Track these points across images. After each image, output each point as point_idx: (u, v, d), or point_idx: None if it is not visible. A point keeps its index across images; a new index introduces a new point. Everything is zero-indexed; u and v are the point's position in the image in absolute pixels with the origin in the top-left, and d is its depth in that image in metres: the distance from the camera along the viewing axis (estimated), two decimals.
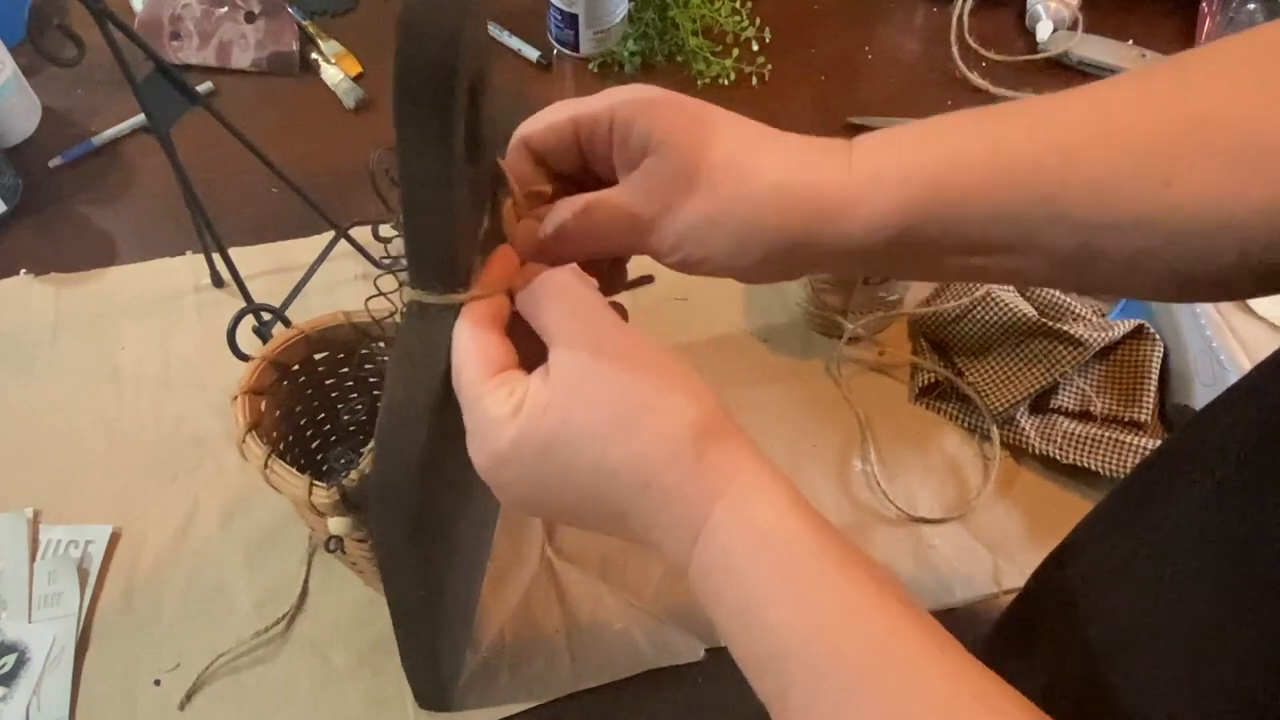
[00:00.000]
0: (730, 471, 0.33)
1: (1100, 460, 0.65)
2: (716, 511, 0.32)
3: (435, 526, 0.43)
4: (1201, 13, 0.95)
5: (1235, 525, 0.32)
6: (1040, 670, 0.40)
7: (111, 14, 0.54)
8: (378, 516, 0.41)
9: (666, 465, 0.33)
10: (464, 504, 0.50)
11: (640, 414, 0.33)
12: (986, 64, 0.92)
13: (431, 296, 0.37)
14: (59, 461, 0.67)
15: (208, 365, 0.71)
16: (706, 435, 0.33)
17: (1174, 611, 0.33)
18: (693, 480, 0.33)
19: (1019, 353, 0.69)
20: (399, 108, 0.32)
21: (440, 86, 0.31)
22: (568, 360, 0.34)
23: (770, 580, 0.31)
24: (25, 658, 0.58)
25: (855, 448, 0.70)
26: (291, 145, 0.78)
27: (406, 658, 0.52)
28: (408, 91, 0.32)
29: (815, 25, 0.97)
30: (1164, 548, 0.35)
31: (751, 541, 0.32)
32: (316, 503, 0.47)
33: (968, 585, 0.63)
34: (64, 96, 0.87)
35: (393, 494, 0.39)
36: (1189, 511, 0.35)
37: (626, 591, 0.62)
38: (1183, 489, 0.36)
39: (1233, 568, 0.31)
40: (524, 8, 0.94)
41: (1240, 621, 0.30)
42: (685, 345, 0.73)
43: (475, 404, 0.35)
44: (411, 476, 0.38)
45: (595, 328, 0.35)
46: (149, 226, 0.80)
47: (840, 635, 0.30)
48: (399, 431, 0.37)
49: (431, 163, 0.33)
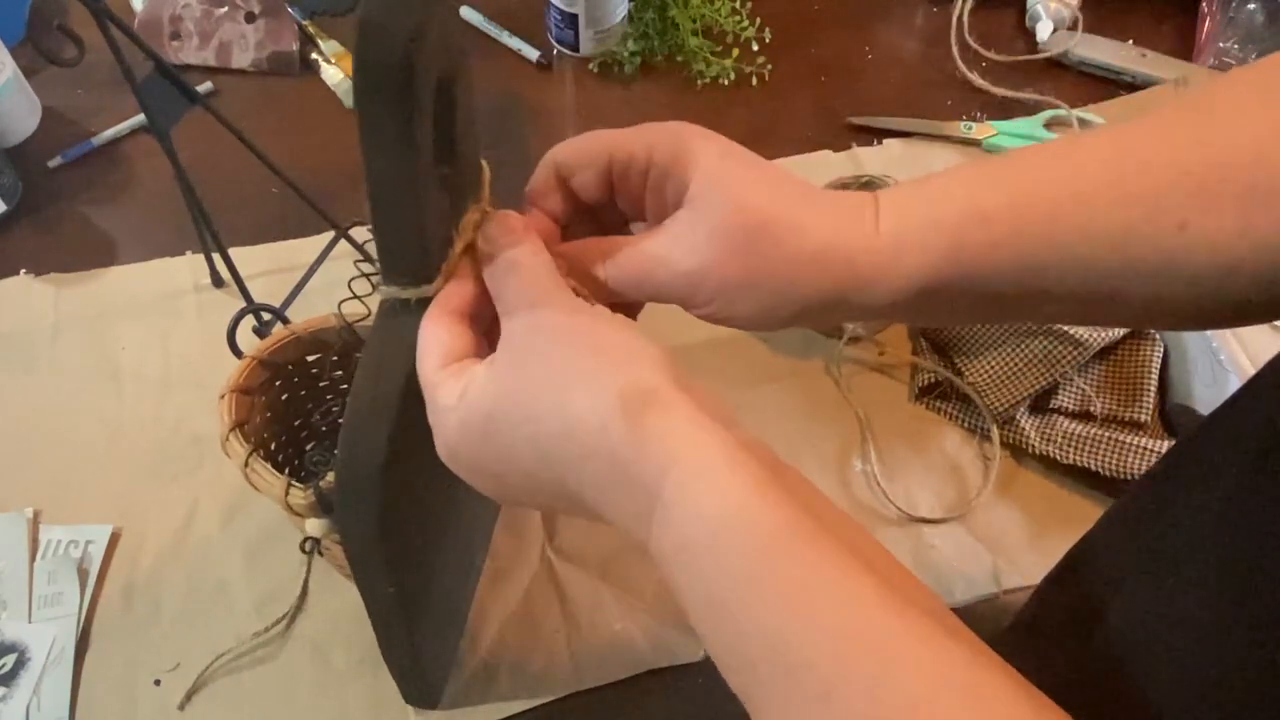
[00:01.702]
0: (672, 444, 0.30)
1: (1100, 460, 0.65)
2: (665, 492, 0.30)
3: (404, 524, 0.43)
4: (1201, 12, 0.95)
5: (1237, 536, 0.32)
6: (1044, 680, 0.40)
7: (111, 14, 0.54)
8: (342, 513, 0.40)
9: (596, 438, 0.31)
10: (445, 500, 0.50)
11: (569, 387, 0.32)
12: (986, 64, 0.92)
13: (401, 292, 0.37)
14: (59, 461, 0.67)
15: (208, 365, 0.71)
16: (640, 404, 0.31)
17: (1176, 623, 0.33)
18: (633, 455, 0.30)
19: (1019, 353, 0.69)
20: (359, 107, 0.32)
21: (401, 86, 0.31)
22: (507, 339, 0.34)
23: (729, 578, 0.29)
24: (25, 658, 0.58)
25: (855, 448, 0.70)
26: (291, 145, 0.78)
27: (387, 654, 0.52)
28: (367, 91, 0.31)
29: (815, 25, 0.97)
30: (1166, 560, 0.35)
31: (706, 535, 0.29)
32: (293, 504, 0.47)
33: (968, 585, 0.63)
34: (64, 96, 0.87)
35: (356, 491, 0.39)
36: (1191, 523, 0.35)
37: (626, 592, 0.62)
38: (1185, 501, 0.36)
39: (1235, 579, 0.31)
40: (524, 8, 0.95)
41: (1243, 633, 0.30)
42: (685, 345, 0.73)
43: (430, 396, 0.35)
44: (375, 473, 0.38)
45: (538, 304, 0.34)
46: (149, 226, 0.80)
47: (808, 635, 0.27)
48: (362, 428, 0.37)
49: (394, 162, 0.33)
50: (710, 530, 0.29)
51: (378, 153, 0.33)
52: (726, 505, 0.29)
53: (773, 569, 0.28)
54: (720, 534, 0.29)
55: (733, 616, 0.28)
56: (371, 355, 0.38)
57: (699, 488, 0.29)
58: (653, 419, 0.31)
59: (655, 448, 0.30)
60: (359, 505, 0.39)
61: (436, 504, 0.47)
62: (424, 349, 0.36)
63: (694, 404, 0.31)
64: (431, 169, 0.34)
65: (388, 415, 0.37)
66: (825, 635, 0.27)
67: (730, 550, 0.29)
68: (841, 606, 0.27)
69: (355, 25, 0.31)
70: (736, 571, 0.28)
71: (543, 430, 0.32)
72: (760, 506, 0.29)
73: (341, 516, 0.41)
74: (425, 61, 0.32)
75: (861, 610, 0.27)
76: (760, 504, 0.29)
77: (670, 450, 0.30)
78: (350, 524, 0.41)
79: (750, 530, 0.29)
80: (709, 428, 0.31)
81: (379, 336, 0.38)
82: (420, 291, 0.37)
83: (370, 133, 0.32)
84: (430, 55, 0.32)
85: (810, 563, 0.28)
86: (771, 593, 0.28)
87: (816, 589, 0.28)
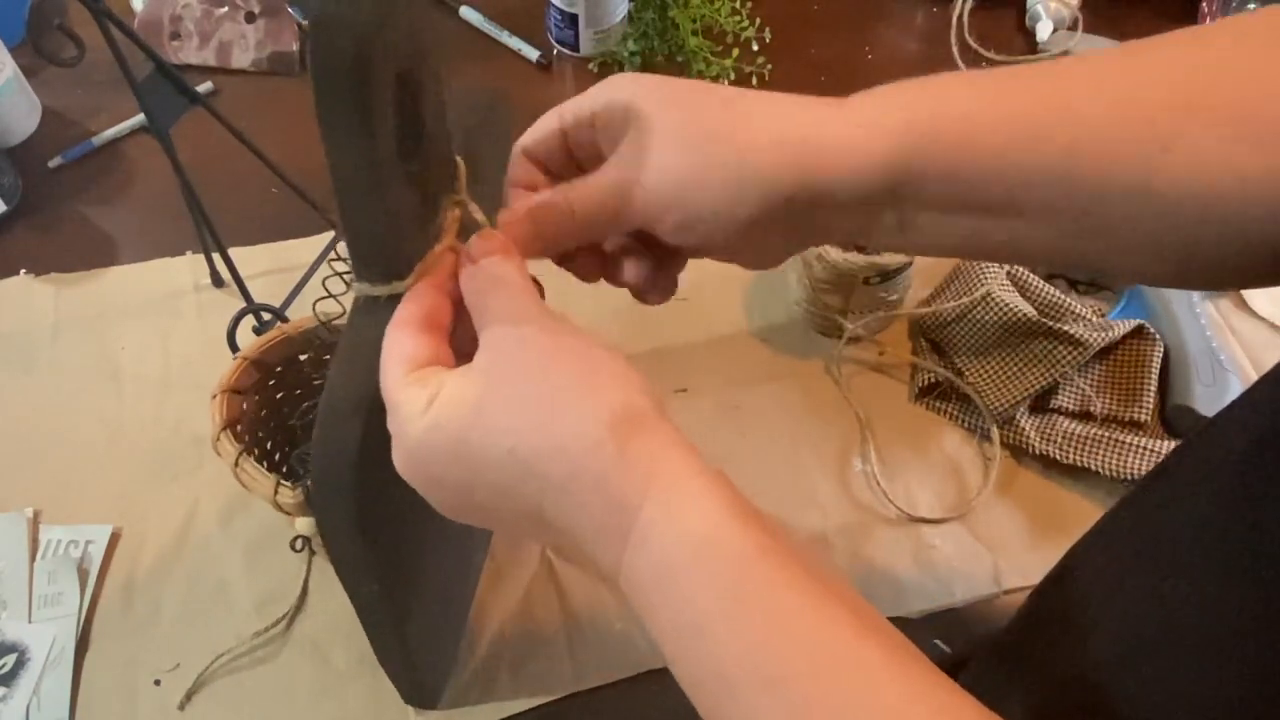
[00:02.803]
0: (655, 466, 0.31)
1: (1100, 460, 0.65)
2: (645, 512, 0.30)
3: (385, 521, 0.42)
4: (1201, 12, 0.95)
5: (1233, 539, 0.32)
6: (1039, 684, 0.40)
7: (111, 14, 0.54)
8: (319, 509, 0.40)
9: (588, 456, 0.31)
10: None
11: (559, 404, 0.32)
12: (986, 64, 0.92)
13: (372, 289, 0.36)
14: (59, 461, 0.67)
15: (208, 365, 0.71)
16: (630, 426, 0.31)
17: (1172, 626, 0.33)
18: (618, 474, 0.31)
19: (1019, 353, 0.69)
20: (316, 103, 0.32)
21: (356, 81, 0.31)
22: (489, 351, 0.33)
23: (709, 596, 0.29)
24: (25, 658, 0.58)
25: (855, 448, 0.70)
26: (291, 145, 0.77)
27: (378, 653, 0.52)
28: (323, 87, 0.31)
29: (815, 25, 0.97)
30: (1162, 562, 0.35)
31: (688, 553, 0.29)
32: (282, 503, 0.47)
33: (968, 585, 0.63)
34: (64, 96, 0.87)
35: (331, 487, 0.38)
36: (1187, 526, 0.35)
37: None
38: (1181, 503, 0.36)
39: (1231, 582, 0.31)
40: (524, 8, 0.95)
41: (1239, 636, 0.30)
42: (685, 345, 0.73)
43: (393, 403, 0.34)
44: (348, 472, 0.37)
45: (521, 319, 0.34)
46: (149, 226, 0.80)
47: (787, 653, 0.28)
48: (336, 424, 0.37)
49: (355, 157, 0.33)
50: (693, 548, 0.29)
51: (339, 149, 0.33)
52: (708, 525, 0.30)
53: (754, 589, 0.29)
54: (703, 550, 0.29)
55: (712, 635, 0.29)
56: (345, 352, 0.37)
57: (683, 508, 0.30)
58: (640, 442, 0.31)
59: (642, 469, 0.31)
60: (334, 501, 0.39)
61: (420, 503, 0.47)
62: (388, 356, 0.35)
63: (675, 429, 0.32)
64: (397, 164, 0.34)
65: (361, 411, 0.36)
66: (804, 653, 0.28)
67: (713, 568, 0.29)
68: (820, 628, 0.28)
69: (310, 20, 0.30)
70: (720, 588, 0.29)
71: (526, 444, 0.31)
72: (741, 529, 0.30)
73: (318, 513, 0.41)
74: (382, 56, 0.31)
75: (839, 632, 0.28)
76: (741, 527, 0.30)
77: (655, 472, 0.31)
78: (327, 520, 0.41)
79: (732, 550, 0.29)
80: (690, 453, 0.31)
81: (352, 333, 0.38)
82: (392, 288, 0.36)
83: (329, 129, 0.32)
84: (388, 50, 0.31)
85: (789, 585, 0.29)
86: (755, 609, 0.29)
87: (796, 610, 0.28)
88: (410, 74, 0.34)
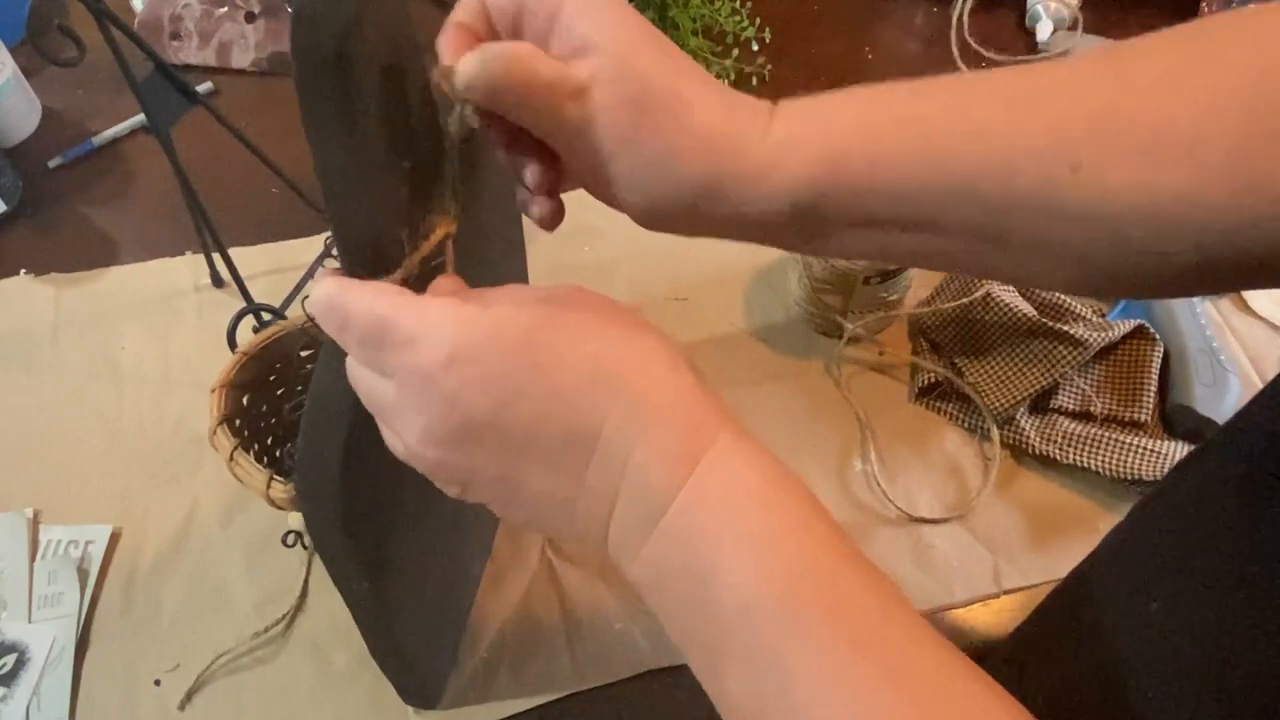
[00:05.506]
0: (724, 408, 0.32)
1: (1100, 460, 0.65)
2: (721, 440, 0.31)
3: (373, 517, 0.42)
4: (1201, 12, 0.95)
5: (1237, 553, 0.32)
6: (1049, 689, 0.40)
7: (111, 14, 0.54)
8: (305, 504, 0.40)
9: (673, 375, 0.32)
10: (421, 500, 0.49)
11: (636, 327, 0.33)
12: (986, 64, 0.92)
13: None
14: (59, 461, 0.67)
15: (208, 365, 0.71)
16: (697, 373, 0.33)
17: (1178, 640, 0.33)
18: (698, 401, 0.32)
19: (1019, 353, 0.69)
20: (300, 99, 0.31)
21: (337, 77, 0.31)
22: (538, 290, 0.34)
23: (785, 511, 0.30)
24: (25, 658, 0.58)
25: (855, 448, 0.70)
26: (291, 145, 0.77)
27: (374, 651, 0.52)
28: (304, 82, 0.31)
29: (815, 25, 0.97)
30: (1168, 575, 0.35)
31: (771, 479, 0.31)
32: (275, 497, 0.47)
33: (968, 585, 0.63)
34: (64, 96, 0.87)
35: (317, 483, 0.38)
36: (1192, 540, 0.35)
37: (626, 591, 0.62)
38: (1186, 518, 0.36)
39: (1235, 595, 0.31)
40: None
41: (1244, 650, 0.30)
42: (685, 345, 0.73)
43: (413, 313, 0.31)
44: (334, 468, 0.37)
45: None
46: (149, 226, 0.80)
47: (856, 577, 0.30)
48: (321, 422, 0.37)
49: (338, 153, 0.32)
50: (776, 479, 0.31)
51: (322, 144, 0.32)
52: (780, 468, 0.31)
53: (821, 518, 0.31)
54: (785, 482, 0.31)
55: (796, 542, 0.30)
56: (330, 349, 0.37)
57: (756, 448, 0.32)
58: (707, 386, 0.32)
59: (716, 405, 0.32)
60: (320, 498, 0.39)
61: (410, 502, 0.47)
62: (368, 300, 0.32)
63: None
64: (383, 160, 0.34)
65: (347, 407, 0.36)
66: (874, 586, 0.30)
67: (797, 495, 0.31)
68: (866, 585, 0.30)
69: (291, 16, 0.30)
70: (791, 515, 0.30)
71: (612, 350, 0.32)
72: (797, 481, 0.32)
73: (305, 508, 0.41)
74: (363, 52, 0.31)
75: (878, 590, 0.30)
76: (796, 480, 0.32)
77: (726, 415, 0.32)
78: (314, 518, 0.41)
79: (799, 488, 0.31)
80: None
81: None
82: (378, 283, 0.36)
83: (312, 123, 0.32)
84: (370, 46, 0.31)
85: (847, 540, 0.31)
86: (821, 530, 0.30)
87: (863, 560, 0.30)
88: (394, 69, 0.34)
